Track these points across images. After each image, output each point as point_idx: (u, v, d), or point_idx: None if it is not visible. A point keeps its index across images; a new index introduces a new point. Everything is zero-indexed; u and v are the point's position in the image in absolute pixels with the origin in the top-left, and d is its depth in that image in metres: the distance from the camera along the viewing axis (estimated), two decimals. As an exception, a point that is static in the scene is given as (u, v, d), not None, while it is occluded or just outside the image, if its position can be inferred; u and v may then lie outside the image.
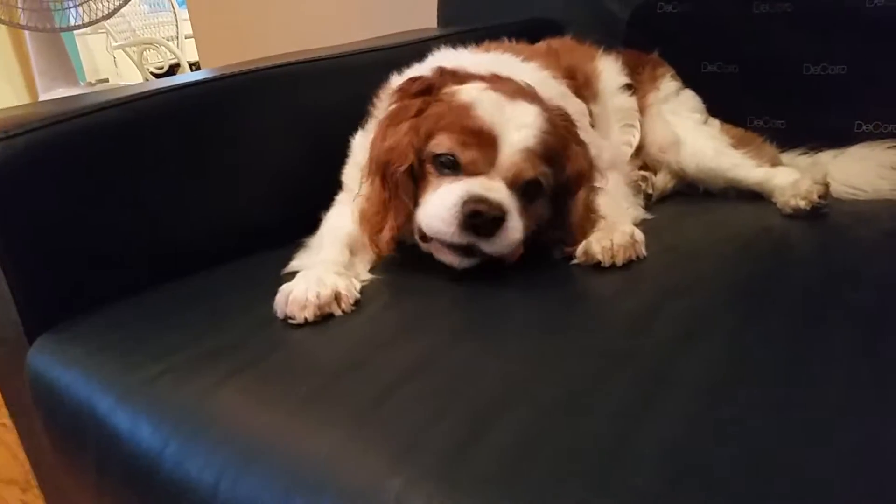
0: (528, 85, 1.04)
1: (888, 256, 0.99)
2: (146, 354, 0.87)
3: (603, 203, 1.08)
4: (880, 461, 0.58)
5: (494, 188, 0.93)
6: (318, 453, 0.66)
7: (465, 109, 0.96)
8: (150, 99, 1.12)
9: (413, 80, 1.06)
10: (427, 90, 1.03)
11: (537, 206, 1.00)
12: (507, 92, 0.98)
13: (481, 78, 1.02)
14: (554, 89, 1.14)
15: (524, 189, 0.96)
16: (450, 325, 0.88)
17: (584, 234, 1.01)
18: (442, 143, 0.96)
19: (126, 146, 1.09)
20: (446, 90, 1.01)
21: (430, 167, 0.98)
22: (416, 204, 0.98)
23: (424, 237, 0.98)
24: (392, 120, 1.03)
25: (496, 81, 1.02)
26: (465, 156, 0.95)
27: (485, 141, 0.94)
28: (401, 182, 0.99)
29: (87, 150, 1.06)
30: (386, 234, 0.99)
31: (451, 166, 0.96)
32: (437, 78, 1.04)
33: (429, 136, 0.98)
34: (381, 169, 1.01)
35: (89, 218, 1.06)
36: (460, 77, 1.03)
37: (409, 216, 0.99)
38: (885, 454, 0.58)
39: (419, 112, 1.00)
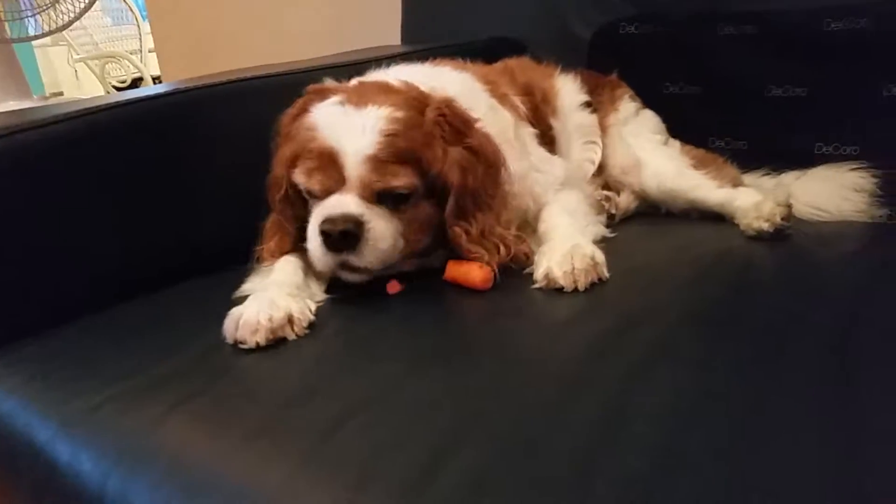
0: (407, 84, 1.04)
1: (850, 280, 0.99)
2: (89, 382, 0.84)
3: (561, 221, 1.08)
4: (845, 491, 0.57)
5: (344, 203, 0.94)
6: (266, 488, 0.64)
7: (309, 132, 0.98)
8: (100, 114, 1.08)
9: (294, 103, 1.06)
10: (301, 111, 1.03)
11: (415, 209, 0.98)
12: (356, 101, 0.98)
13: (343, 91, 1.02)
14: (482, 101, 1.13)
15: (385, 196, 0.95)
16: (405, 351, 0.85)
17: (459, 242, 0.99)
18: (297, 177, 0.98)
19: (71, 164, 1.05)
20: (309, 109, 1.01)
21: (308, 199, 1.00)
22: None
23: None
24: (277, 146, 1.06)
25: (357, 91, 1.01)
26: (314, 184, 0.96)
27: (327, 161, 0.95)
28: (280, 209, 1.04)
29: (29, 168, 1.02)
30: (265, 255, 1.04)
31: (313, 193, 0.97)
32: (308, 98, 1.04)
33: (290, 167, 1.00)
34: (271, 198, 1.05)
35: (31, 238, 1.02)
36: (324, 93, 1.03)
37: (295, 238, 1.03)
38: (850, 484, 0.57)
39: (289, 137, 1.03)
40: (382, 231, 0.94)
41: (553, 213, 1.10)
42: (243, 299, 0.93)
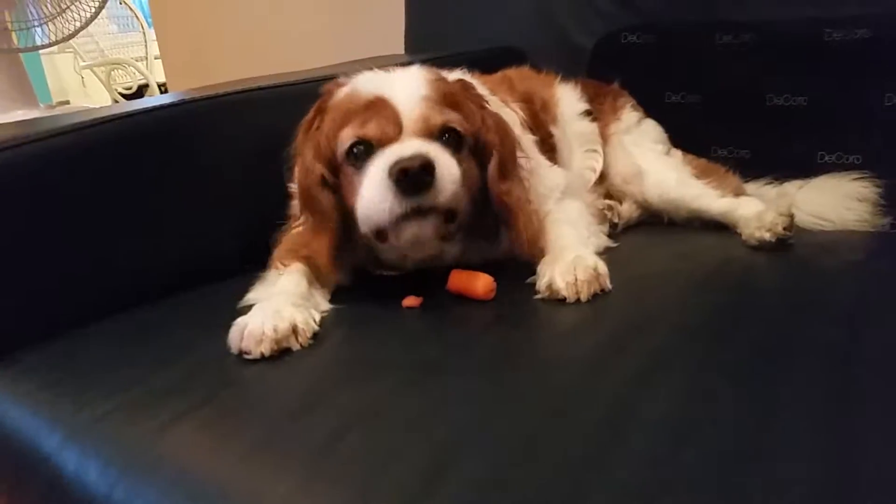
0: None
1: (853, 290, 0.99)
2: (96, 391, 0.85)
3: (564, 231, 1.08)
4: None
5: (414, 144, 0.92)
6: (271, 500, 0.64)
7: (350, 98, 0.98)
8: (102, 126, 1.09)
9: (310, 110, 1.06)
10: (321, 109, 1.03)
11: (467, 161, 0.98)
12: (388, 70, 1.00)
13: (365, 76, 1.03)
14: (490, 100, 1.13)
15: (443, 138, 0.95)
16: (408, 362, 0.85)
17: (510, 201, 1.00)
18: (345, 136, 0.96)
19: (73, 175, 1.06)
20: (333, 98, 1.02)
21: (347, 170, 0.97)
22: (345, 215, 0.99)
23: (378, 234, 0.96)
24: (300, 150, 1.04)
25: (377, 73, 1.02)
26: (371, 130, 0.94)
27: (381, 109, 0.94)
28: (320, 197, 1.00)
29: (32, 180, 1.03)
30: (323, 256, 0.99)
31: (365, 153, 0.95)
32: (325, 95, 1.04)
33: (332, 141, 0.98)
34: (303, 195, 1.03)
35: (41, 247, 1.03)
36: (343, 84, 1.03)
37: (340, 231, 1.00)
38: (850, 498, 0.57)
39: (316, 129, 1.02)
40: (452, 168, 0.92)
41: (555, 223, 1.10)
42: (248, 309, 0.93)
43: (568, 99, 1.39)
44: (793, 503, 0.57)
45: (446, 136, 0.95)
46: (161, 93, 4.38)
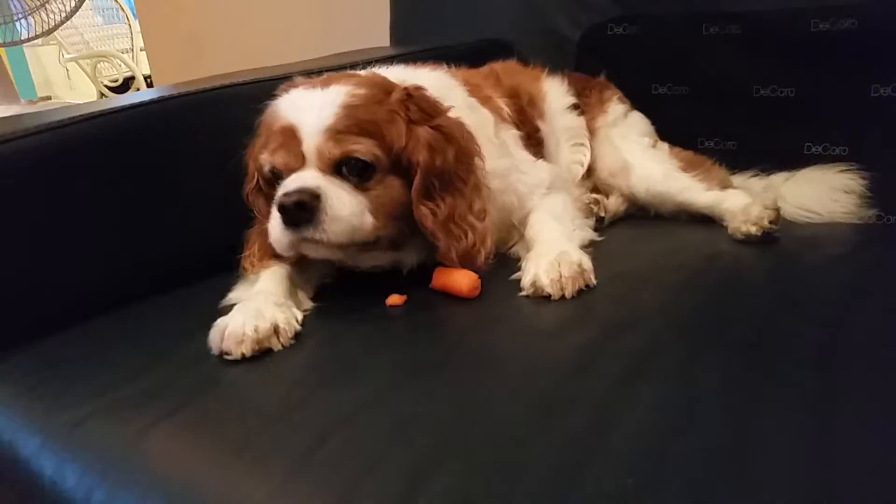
0: (374, 73, 1.05)
1: (839, 284, 0.99)
2: (74, 395, 0.84)
3: (548, 226, 1.07)
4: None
5: (301, 177, 0.94)
6: (250, 504, 0.63)
7: (272, 117, 1.00)
8: (80, 124, 1.07)
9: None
10: (265, 116, 1.03)
11: (383, 185, 0.97)
12: (320, 84, 0.99)
13: (311, 81, 1.02)
14: (458, 98, 1.12)
15: (347, 168, 0.95)
16: (391, 363, 0.85)
17: (426, 223, 0.98)
18: (263, 160, 0.99)
19: (53, 174, 1.05)
20: (271, 109, 1.02)
21: (276, 185, 0.98)
22: None
23: None
24: (248, 152, 1.07)
25: (322, 80, 1.01)
26: (277, 160, 0.96)
27: (288, 137, 0.95)
28: (255, 205, 1.06)
29: (10, 178, 1.01)
30: (248, 263, 1.04)
31: (277, 177, 0.97)
32: (279, 93, 1.03)
33: (258, 154, 1.01)
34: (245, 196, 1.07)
35: (12, 252, 1.01)
36: (291, 85, 1.04)
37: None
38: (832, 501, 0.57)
39: (258, 136, 1.04)
40: (342, 202, 0.92)
41: (539, 218, 1.10)
42: (229, 309, 0.92)
43: (555, 93, 1.39)
44: (776, 505, 0.56)
45: (351, 164, 0.95)
46: (147, 85, 4.34)
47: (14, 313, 1.01)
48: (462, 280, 0.97)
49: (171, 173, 1.18)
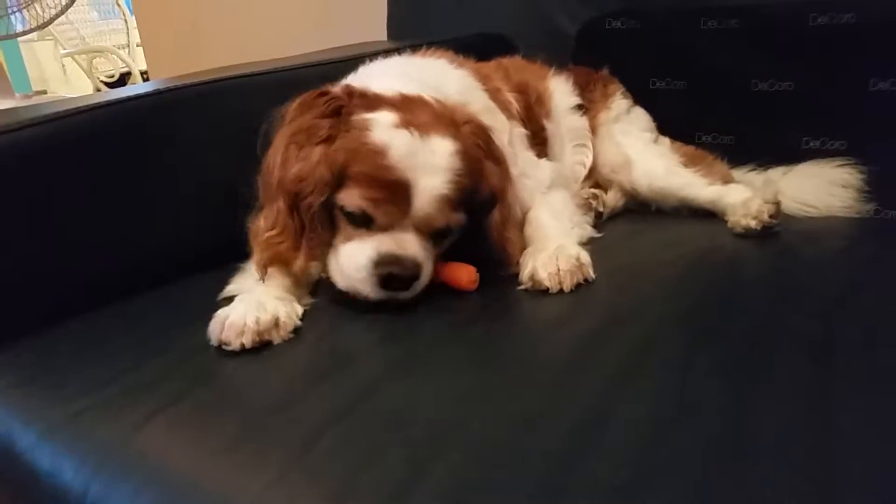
0: (439, 101, 0.99)
1: (837, 278, 0.99)
2: (71, 388, 0.83)
3: (547, 223, 1.07)
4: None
5: (408, 245, 0.92)
6: (246, 498, 0.63)
7: (376, 154, 0.90)
8: (76, 116, 1.07)
9: (319, 94, 0.99)
10: (336, 111, 0.95)
11: (449, 241, 0.99)
12: (420, 125, 0.92)
13: (391, 103, 0.95)
14: (479, 102, 1.12)
15: (436, 234, 0.95)
16: (388, 357, 0.85)
17: (512, 248, 1.01)
18: (352, 198, 0.92)
19: (49, 166, 1.04)
20: (356, 117, 0.94)
21: (338, 213, 0.94)
22: (330, 240, 0.96)
23: None
24: (296, 139, 0.96)
25: (407, 108, 0.95)
26: (378, 214, 0.91)
27: (397, 193, 0.90)
28: (317, 216, 0.94)
29: (7, 170, 1.00)
30: (300, 263, 0.95)
31: (363, 221, 0.92)
32: (346, 99, 0.96)
33: (340, 179, 0.92)
34: (289, 197, 0.95)
35: (13, 241, 1.01)
36: (370, 101, 0.96)
37: (323, 249, 0.96)
38: (823, 499, 0.57)
39: (329, 139, 0.94)
40: (429, 269, 0.94)
41: (538, 214, 1.09)
42: (227, 301, 0.91)
43: (561, 93, 1.39)
44: (774, 499, 0.56)
45: (440, 231, 0.95)
46: (144, 81, 4.33)
47: (10, 306, 1.00)
48: (461, 273, 0.97)
49: (168, 166, 1.17)
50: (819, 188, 1.27)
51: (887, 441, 0.63)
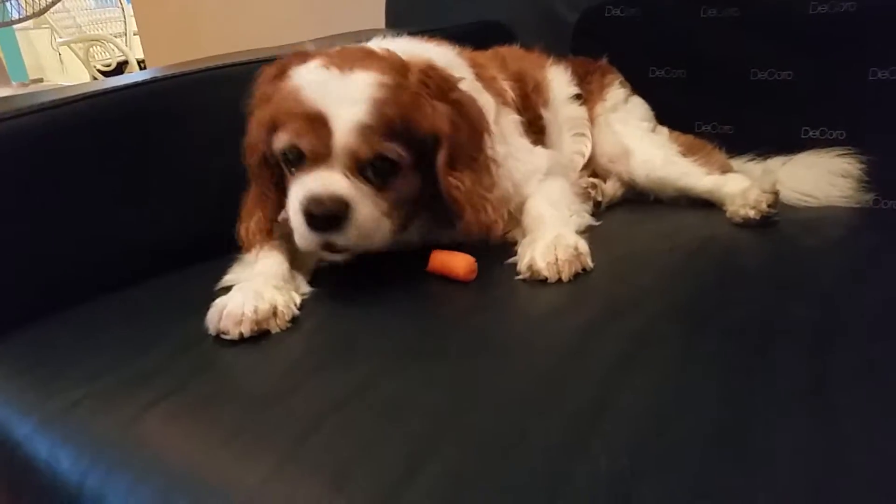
0: (388, 51, 1.00)
1: (834, 268, 0.99)
2: (68, 379, 0.83)
3: (545, 211, 1.07)
4: (819, 496, 0.56)
5: (332, 181, 0.91)
6: (243, 489, 0.63)
7: (295, 93, 0.93)
8: (72, 105, 1.06)
9: (273, 63, 1.02)
10: (280, 74, 0.99)
11: (401, 184, 0.96)
12: (342, 65, 0.94)
13: (327, 55, 0.97)
14: (464, 79, 1.09)
15: (372, 169, 0.93)
16: (387, 347, 0.84)
17: (458, 194, 0.97)
18: (280, 140, 0.94)
19: (44, 155, 1.04)
20: (289, 72, 0.97)
21: (285, 167, 0.97)
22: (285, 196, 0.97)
23: None
24: (251, 110, 1.02)
25: (341, 55, 0.97)
26: (303, 144, 0.92)
27: (316, 124, 0.91)
28: (260, 176, 1.01)
29: (1, 160, 1.00)
30: (253, 227, 1.01)
31: (296, 159, 0.94)
32: (290, 59, 1.00)
33: (272, 131, 0.95)
34: (250, 168, 1.02)
35: (7, 232, 1.00)
36: (308, 56, 0.98)
37: (278, 209, 1.00)
38: (822, 489, 0.57)
39: (269, 100, 0.98)
40: (368, 213, 0.91)
41: (536, 203, 1.09)
42: (225, 291, 0.91)
43: (559, 82, 1.38)
44: (772, 491, 0.56)
45: (378, 164, 0.93)
46: (141, 69, 4.32)
47: (7, 296, 1.01)
48: (459, 263, 0.96)
49: (166, 155, 1.17)
50: (818, 178, 1.26)
51: (888, 434, 0.63)
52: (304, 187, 0.91)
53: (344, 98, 0.91)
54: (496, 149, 1.06)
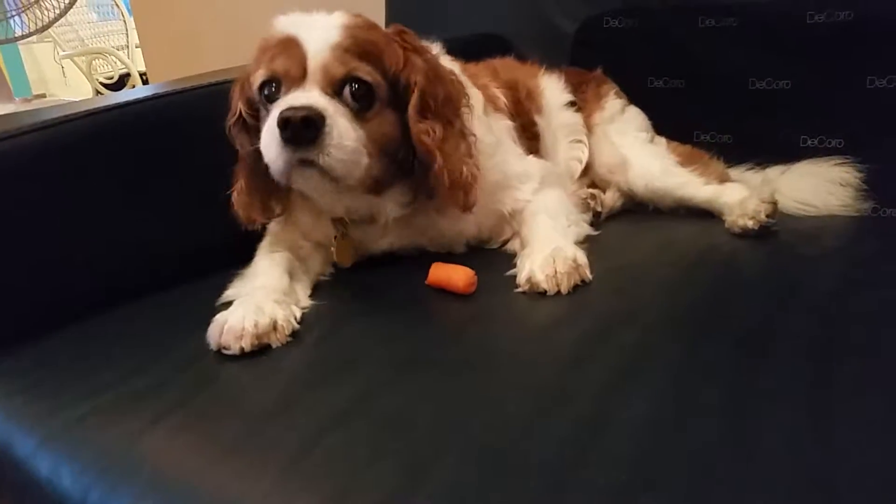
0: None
1: (833, 278, 0.98)
2: (71, 395, 0.83)
3: (543, 223, 1.07)
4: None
5: (306, 95, 0.91)
6: (247, 502, 0.63)
7: (269, 36, 0.97)
8: (76, 122, 1.07)
9: None
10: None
11: (380, 118, 0.96)
12: (316, 11, 0.98)
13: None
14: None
15: (349, 92, 0.93)
16: (386, 360, 0.84)
17: (426, 139, 0.97)
18: (258, 74, 0.96)
19: (48, 172, 1.05)
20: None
21: (262, 110, 0.97)
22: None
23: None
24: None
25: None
26: (277, 66, 0.93)
27: (290, 49, 0.93)
28: (238, 137, 1.03)
29: (6, 177, 1.01)
30: (244, 192, 1.04)
31: (274, 91, 0.95)
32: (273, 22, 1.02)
33: (250, 78, 0.98)
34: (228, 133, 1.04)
35: (12, 247, 1.01)
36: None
37: (258, 174, 1.00)
38: (833, 494, 0.57)
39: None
40: (345, 130, 0.90)
41: (534, 214, 1.09)
42: (226, 306, 0.92)
43: (552, 89, 1.38)
44: (774, 502, 0.56)
45: (354, 87, 0.93)
46: (143, 82, 4.33)
47: (10, 312, 1.01)
48: (459, 276, 0.97)
49: (167, 171, 1.17)
50: (817, 187, 1.27)
51: (888, 442, 0.63)
52: (280, 105, 0.91)
53: (317, 26, 0.95)
54: (480, 135, 1.06)
